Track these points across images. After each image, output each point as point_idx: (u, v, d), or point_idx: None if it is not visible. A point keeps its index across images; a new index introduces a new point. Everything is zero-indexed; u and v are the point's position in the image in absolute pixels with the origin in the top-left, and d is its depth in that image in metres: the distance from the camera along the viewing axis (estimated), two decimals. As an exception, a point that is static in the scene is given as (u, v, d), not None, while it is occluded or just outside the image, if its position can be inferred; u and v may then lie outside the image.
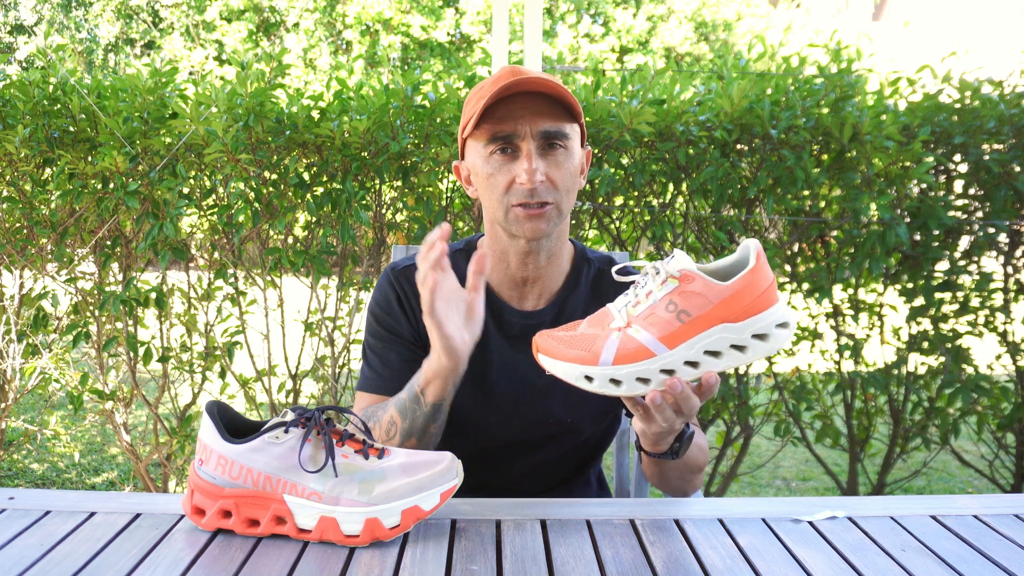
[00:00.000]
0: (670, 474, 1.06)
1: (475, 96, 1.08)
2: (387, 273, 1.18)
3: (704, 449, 1.12)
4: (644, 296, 0.84)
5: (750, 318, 0.81)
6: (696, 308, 0.81)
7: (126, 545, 0.81)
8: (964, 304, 2.34)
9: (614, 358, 0.82)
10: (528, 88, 1.02)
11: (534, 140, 1.03)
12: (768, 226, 2.38)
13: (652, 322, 0.82)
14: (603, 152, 2.19)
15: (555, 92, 1.03)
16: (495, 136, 1.04)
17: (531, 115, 1.03)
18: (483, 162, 1.06)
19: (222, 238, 2.24)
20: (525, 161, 1.02)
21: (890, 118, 2.09)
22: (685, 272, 0.82)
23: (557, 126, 1.04)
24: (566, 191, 1.07)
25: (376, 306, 1.17)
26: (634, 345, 0.82)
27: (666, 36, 13.76)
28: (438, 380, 0.98)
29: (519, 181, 1.03)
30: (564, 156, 1.06)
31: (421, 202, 2.18)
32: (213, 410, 0.86)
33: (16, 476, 3.05)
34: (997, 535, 0.87)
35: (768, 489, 3.14)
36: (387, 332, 1.15)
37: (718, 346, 0.82)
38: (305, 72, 12.56)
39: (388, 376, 1.13)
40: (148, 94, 2.05)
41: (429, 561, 0.79)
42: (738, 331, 0.81)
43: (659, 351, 0.82)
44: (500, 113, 1.03)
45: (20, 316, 2.31)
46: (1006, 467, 2.58)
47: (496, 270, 1.15)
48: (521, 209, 1.04)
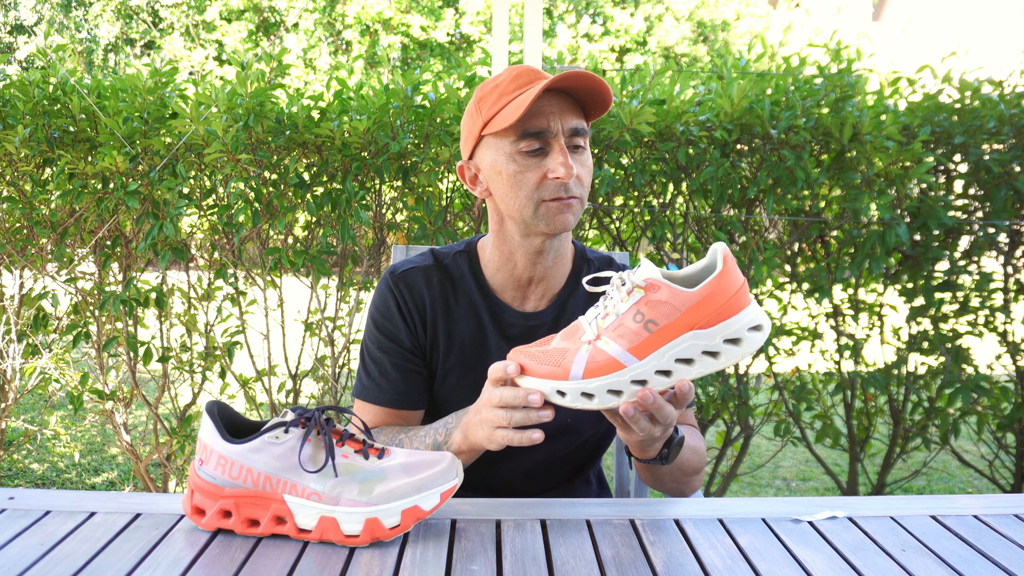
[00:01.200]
0: (664, 478, 1.07)
1: (493, 93, 1.06)
2: (386, 278, 1.17)
3: (700, 451, 1.11)
4: (613, 308, 0.84)
5: (721, 323, 0.80)
6: (663, 317, 0.80)
7: (126, 545, 0.81)
8: (964, 304, 2.34)
9: (584, 371, 0.82)
10: (571, 84, 1.03)
11: (564, 136, 1.04)
12: (768, 226, 2.38)
13: (620, 333, 0.82)
14: (603, 152, 2.19)
15: (599, 88, 1.03)
16: (527, 132, 1.03)
17: (560, 112, 1.04)
18: (507, 159, 1.05)
19: (222, 238, 2.24)
20: (560, 155, 1.03)
21: (890, 118, 2.09)
22: (651, 281, 0.81)
23: (582, 123, 1.06)
24: (587, 187, 1.08)
25: (376, 311, 1.16)
26: (604, 358, 0.82)
27: (663, 36, 13.76)
28: (472, 455, 1.00)
29: (554, 176, 1.03)
30: (586, 155, 1.08)
31: (421, 202, 2.18)
32: (213, 410, 0.86)
33: (16, 476, 3.05)
34: (997, 535, 0.87)
35: (768, 489, 3.14)
36: (387, 339, 1.15)
37: (689, 353, 0.81)
38: (305, 72, 12.55)
39: (386, 388, 1.13)
40: (148, 94, 2.06)
41: (429, 561, 0.79)
42: (708, 337, 0.80)
43: (629, 362, 0.81)
44: (531, 110, 1.03)
45: (20, 316, 2.31)
46: (1006, 467, 2.58)
47: (501, 271, 1.15)
48: (555, 203, 1.05)
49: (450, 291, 1.16)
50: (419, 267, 1.17)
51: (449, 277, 1.17)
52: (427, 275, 1.16)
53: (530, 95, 1.00)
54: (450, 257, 1.18)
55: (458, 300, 1.15)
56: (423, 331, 1.15)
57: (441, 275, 1.16)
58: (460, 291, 1.16)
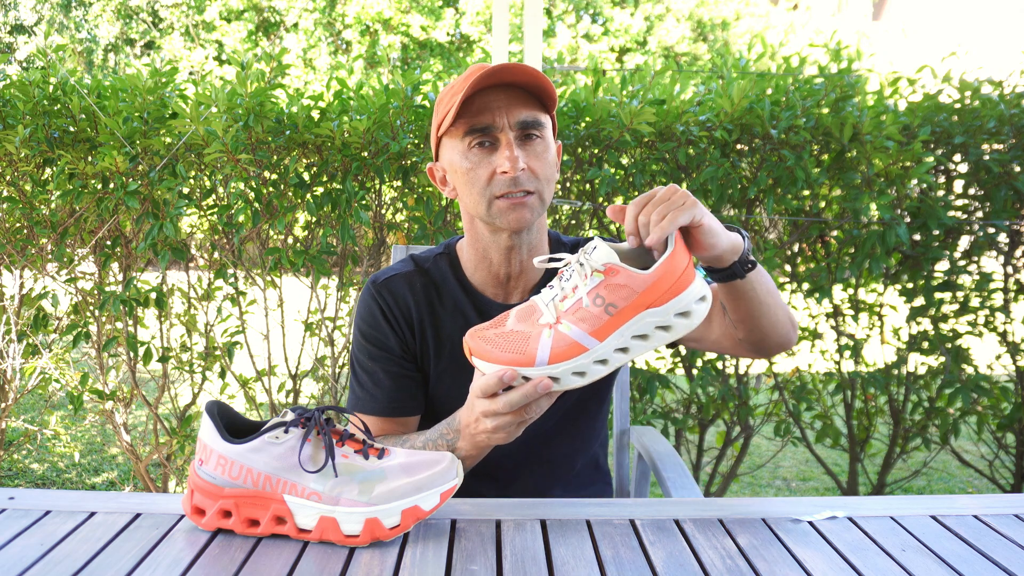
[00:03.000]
0: (766, 301, 0.99)
1: (448, 93, 1.07)
2: (368, 288, 1.16)
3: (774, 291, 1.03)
4: (571, 291, 0.86)
5: (672, 300, 0.83)
6: (622, 300, 0.83)
7: (126, 545, 0.81)
8: (964, 304, 2.34)
9: (549, 357, 0.84)
10: (505, 79, 1.02)
11: (512, 130, 1.03)
12: (768, 226, 2.38)
13: (581, 317, 0.84)
14: (603, 152, 2.19)
15: (533, 80, 1.02)
16: (473, 129, 1.03)
17: (507, 106, 1.03)
18: (461, 158, 1.05)
19: (222, 238, 2.24)
20: (506, 150, 1.02)
21: (890, 118, 2.09)
22: (609, 266, 0.84)
23: (533, 115, 1.04)
24: (546, 180, 1.06)
25: (362, 322, 1.15)
26: (567, 342, 0.84)
27: (663, 36, 13.76)
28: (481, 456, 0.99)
29: (501, 171, 1.02)
30: (542, 146, 1.06)
31: (421, 202, 2.18)
32: (213, 410, 0.86)
33: (16, 476, 3.05)
34: (997, 535, 0.87)
35: (768, 489, 3.14)
36: (376, 348, 1.14)
37: (644, 330, 0.84)
38: (305, 72, 12.55)
39: (381, 397, 1.12)
40: (148, 94, 2.05)
41: (429, 561, 0.79)
42: (662, 314, 0.84)
43: (591, 345, 0.84)
44: (476, 106, 1.03)
45: (20, 316, 2.31)
46: (1006, 467, 2.58)
47: (479, 269, 1.15)
48: (504, 200, 1.04)
49: (434, 294, 1.15)
50: (400, 274, 1.16)
51: (431, 280, 1.16)
52: (409, 281, 1.15)
53: (463, 93, 0.99)
54: (430, 261, 1.18)
55: (443, 302, 1.15)
56: (411, 336, 1.14)
57: (423, 279, 1.16)
58: (444, 293, 1.15)
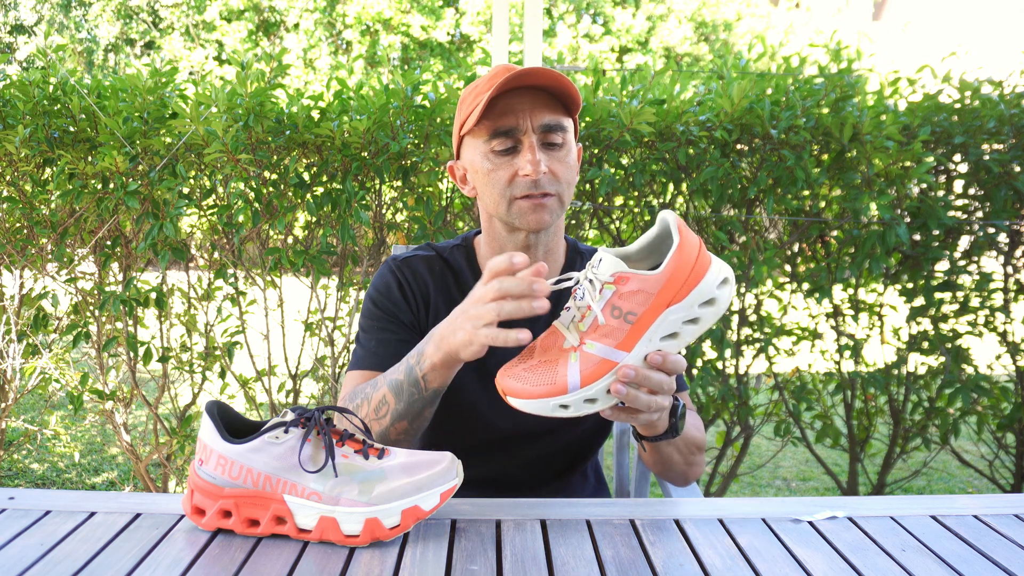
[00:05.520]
0: (674, 457, 1.04)
1: (471, 93, 1.08)
2: (388, 263, 1.18)
3: (700, 428, 1.10)
4: (586, 309, 0.83)
5: (692, 291, 0.81)
6: (639, 305, 0.81)
7: (126, 545, 0.81)
8: (964, 304, 2.34)
9: (580, 380, 0.82)
10: (530, 82, 1.03)
11: (535, 133, 1.04)
12: (768, 226, 2.38)
13: (603, 333, 0.82)
14: (603, 152, 2.19)
15: (558, 84, 1.03)
16: (496, 131, 1.04)
17: (531, 109, 1.04)
18: (483, 158, 1.06)
19: (222, 238, 2.24)
20: (528, 153, 1.03)
21: (890, 118, 2.09)
22: (618, 275, 0.81)
23: (557, 119, 1.05)
24: (567, 183, 1.07)
25: (375, 292, 1.16)
26: (594, 362, 0.82)
27: (665, 36, 13.77)
28: (446, 370, 0.95)
29: (523, 173, 1.03)
30: (564, 149, 1.07)
31: (421, 202, 2.18)
32: (213, 410, 0.86)
33: (16, 476, 3.05)
34: (997, 535, 0.87)
35: (768, 489, 3.14)
36: (385, 314, 1.14)
37: (672, 328, 0.82)
38: (305, 72, 12.55)
39: (383, 354, 1.10)
40: (148, 94, 2.05)
41: (429, 561, 0.79)
42: (686, 308, 0.81)
43: (619, 358, 0.82)
44: (500, 108, 1.03)
45: (20, 316, 2.31)
46: (1006, 467, 2.58)
47: None
48: (526, 201, 1.05)
49: (451, 280, 1.17)
50: (421, 256, 1.18)
51: (450, 267, 1.18)
52: (429, 263, 1.17)
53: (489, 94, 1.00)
54: (448, 250, 1.20)
55: (461, 290, 1.16)
56: (424, 313, 1.14)
57: (442, 265, 1.18)
58: (460, 281, 1.17)
